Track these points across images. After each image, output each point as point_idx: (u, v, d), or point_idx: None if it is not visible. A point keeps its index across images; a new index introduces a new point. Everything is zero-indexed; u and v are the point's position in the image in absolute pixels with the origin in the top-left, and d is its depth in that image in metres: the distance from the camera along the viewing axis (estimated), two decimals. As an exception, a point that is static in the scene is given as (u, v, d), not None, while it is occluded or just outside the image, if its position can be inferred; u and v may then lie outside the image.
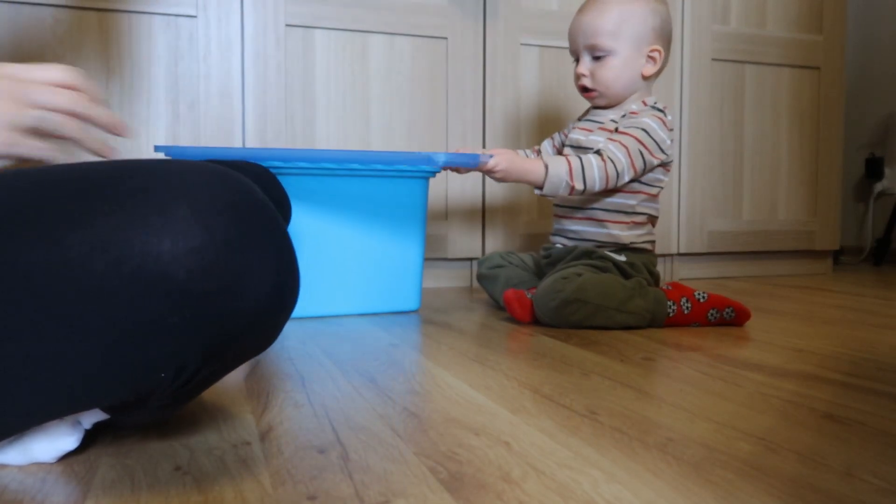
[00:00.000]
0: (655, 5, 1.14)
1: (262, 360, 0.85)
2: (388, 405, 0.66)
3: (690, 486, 0.47)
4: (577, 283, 1.03)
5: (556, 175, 1.08)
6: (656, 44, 1.14)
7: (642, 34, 1.13)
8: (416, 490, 0.46)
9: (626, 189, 1.15)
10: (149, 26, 1.41)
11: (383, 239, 1.15)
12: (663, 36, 1.15)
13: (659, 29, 1.14)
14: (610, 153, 1.09)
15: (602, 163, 1.08)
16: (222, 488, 0.47)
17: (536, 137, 1.67)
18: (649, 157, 1.11)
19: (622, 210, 1.17)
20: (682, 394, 0.70)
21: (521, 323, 1.11)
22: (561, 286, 1.04)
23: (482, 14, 1.61)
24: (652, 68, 1.15)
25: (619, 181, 1.10)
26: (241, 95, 1.46)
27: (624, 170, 1.09)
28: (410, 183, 1.18)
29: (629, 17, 1.12)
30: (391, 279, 1.17)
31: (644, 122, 1.12)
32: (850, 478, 0.48)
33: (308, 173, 1.06)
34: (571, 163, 1.08)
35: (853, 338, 1.01)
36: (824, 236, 1.98)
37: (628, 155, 1.09)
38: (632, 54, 1.13)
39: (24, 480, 0.48)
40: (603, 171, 1.08)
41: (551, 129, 1.69)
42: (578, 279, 1.04)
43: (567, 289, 1.03)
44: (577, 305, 1.03)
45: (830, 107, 1.96)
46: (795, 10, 1.91)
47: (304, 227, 1.06)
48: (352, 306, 1.15)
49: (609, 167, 1.09)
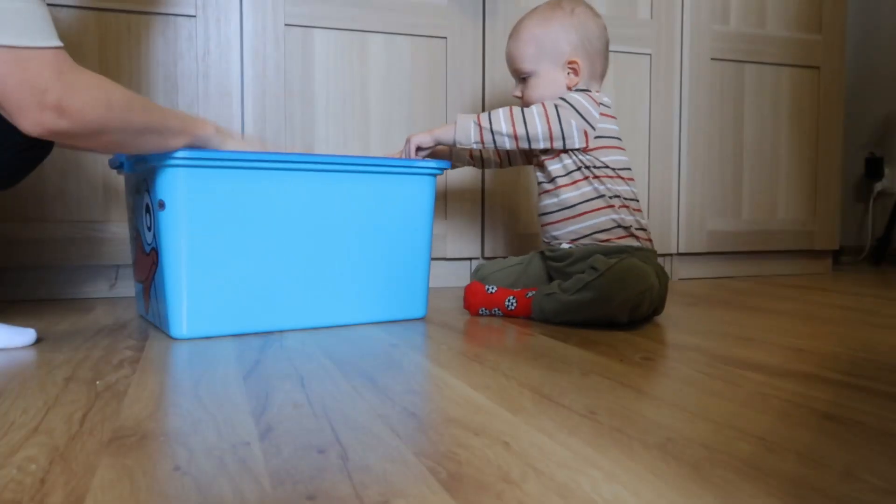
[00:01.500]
0: (574, 20, 1.18)
1: (261, 360, 0.85)
2: (388, 405, 0.66)
3: (690, 486, 0.47)
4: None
5: (463, 122, 1.15)
6: (574, 56, 1.18)
7: (559, 51, 1.18)
8: (415, 490, 0.46)
9: (582, 179, 1.16)
10: (148, 26, 1.41)
11: (389, 243, 1.12)
12: (584, 47, 1.19)
13: (578, 42, 1.18)
14: (519, 108, 1.15)
15: (509, 111, 1.14)
16: (221, 488, 0.46)
17: (536, 137, 1.67)
18: (566, 115, 1.13)
19: (590, 198, 1.17)
20: (682, 394, 0.70)
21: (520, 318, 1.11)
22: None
23: (481, 14, 1.61)
24: (575, 79, 1.19)
25: (530, 128, 1.13)
26: (241, 95, 1.46)
27: (533, 116, 1.13)
28: (418, 180, 1.14)
29: (543, 39, 1.19)
30: (398, 286, 1.14)
31: (562, 95, 1.17)
32: (850, 478, 0.48)
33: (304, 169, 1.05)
34: (480, 114, 1.15)
35: (853, 338, 1.00)
36: (824, 236, 1.98)
37: (543, 109, 1.13)
38: (551, 71, 1.19)
39: (22, 480, 0.48)
40: (508, 113, 1.14)
41: (551, 129, 1.69)
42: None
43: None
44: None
45: (830, 106, 1.96)
46: (795, 9, 1.91)
47: (304, 229, 1.06)
48: (357, 315, 1.11)
49: (516, 112, 1.14)
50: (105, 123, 0.80)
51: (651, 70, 1.77)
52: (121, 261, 1.42)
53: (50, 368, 0.81)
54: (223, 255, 0.99)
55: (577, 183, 1.17)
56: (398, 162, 1.12)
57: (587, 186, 1.16)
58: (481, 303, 1.19)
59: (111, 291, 1.45)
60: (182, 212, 0.96)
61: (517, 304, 1.17)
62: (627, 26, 1.73)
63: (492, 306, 1.19)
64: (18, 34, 0.73)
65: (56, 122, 0.76)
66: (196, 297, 0.98)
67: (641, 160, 1.77)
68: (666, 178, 1.80)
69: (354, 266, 1.10)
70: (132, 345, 0.95)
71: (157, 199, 0.97)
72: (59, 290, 1.42)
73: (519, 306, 1.16)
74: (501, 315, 1.18)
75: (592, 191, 1.16)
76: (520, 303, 1.16)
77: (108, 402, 0.67)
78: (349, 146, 1.53)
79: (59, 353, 0.90)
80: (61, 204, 1.39)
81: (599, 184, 1.15)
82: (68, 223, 1.39)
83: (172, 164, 0.95)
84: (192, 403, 0.67)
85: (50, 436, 0.57)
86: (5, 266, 1.36)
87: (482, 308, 1.19)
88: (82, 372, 0.79)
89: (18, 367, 0.82)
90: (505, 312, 1.18)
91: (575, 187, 1.17)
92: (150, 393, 0.70)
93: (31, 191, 1.37)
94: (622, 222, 1.16)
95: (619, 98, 1.74)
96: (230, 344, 0.95)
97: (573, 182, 1.17)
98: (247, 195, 1.00)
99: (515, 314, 1.17)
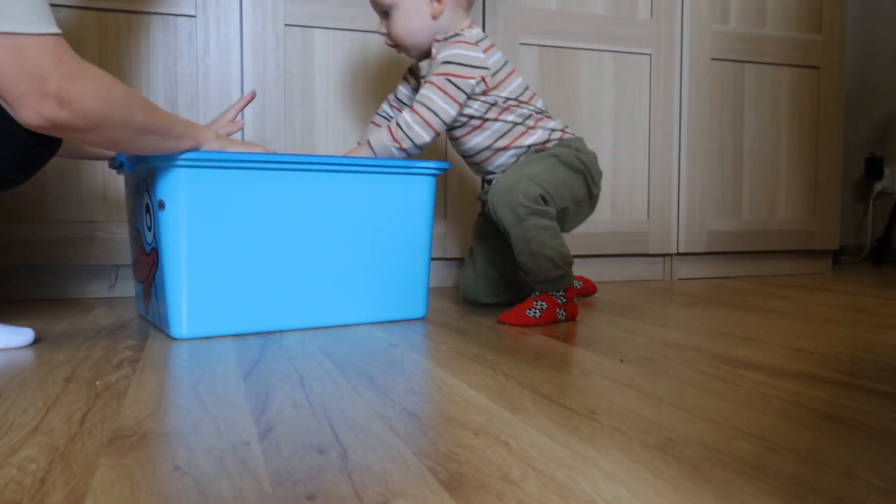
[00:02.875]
0: None
1: (261, 360, 0.85)
2: (388, 405, 0.66)
3: (690, 486, 0.47)
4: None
5: (380, 145, 1.12)
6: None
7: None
8: (415, 490, 0.46)
9: (493, 118, 1.18)
10: (147, 26, 1.41)
11: (388, 243, 1.12)
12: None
13: None
14: (420, 98, 1.13)
15: (414, 113, 1.12)
16: (221, 488, 0.46)
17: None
18: (463, 80, 1.13)
19: (507, 132, 1.20)
20: (682, 394, 0.70)
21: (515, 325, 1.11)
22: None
23: (481, 13, 1.61)
24: (439, 7, 1.16)
25: (444, 116, 1.12)
26: (241, 94, 1.46)
27: (439, 104, 1.12)
28: (417, 181, 1.15)
29: None
30: (398, 286, 1.14)
31: (442, 57, 1.14)
32: (850, 478, 0.48)
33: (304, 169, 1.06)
34: (391, 128, 1.12)
35: (853, 338, 1.00)
36: (824, 236, 1.98)
37: (439, 89, 1.12)
38: (413, 2, 1.16)
39: (22, 480, 0.48)
40: (418, 118, 1.11)
41: (551, 129, 1.69)
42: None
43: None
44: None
45: (830, 106, 1.96)
46: (795, 9, 1.91)
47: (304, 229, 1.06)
48: (357, 315, 1.11)
49: (423, 111, 1.11)
50: (105, 116, 0.79)
51: (651, 70, 1.77)
52: (121, 261, 1.42)
53: (50, 368, 0.81)
54: (223, 255, 0.99)
55: (487, 123, 1.19)
56: (398, 162, 1.12)
57: (499, 123, 1.19)
58: (533, 322, 1.13)
59: (111, 291, 1.45)
60: (182, 212, 0.96)
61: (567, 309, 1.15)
62: (627, 26, 1.73)
63: (548, 322, 1.14)
64: (16, 20, 0.71)
65: (56, 113, 0.74)
66: (196, 297, 0.98)
67: (641, 160, 1.77)
68: (666, 177, 1.80)
69: (354, 266, 1.10)
70: (132, 345, 0.95)
71: (158, 199, 0.97)
72: (59, 290, 1.42)
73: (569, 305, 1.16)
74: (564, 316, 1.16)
75: (503, 125, 1.19)
76: (569, 306, 1.16)
77: (108, 402, 0.67)
78: (349, 146, 1.53)
79: (59, 353, 0.90)
80: (61, 204, 1.39)
81: (509, 114, 1.19)
82: (68, 223, 1.39)
83: (173, 165, 0.95)
84: (192, 403, 0.67)
85: (50, 436, 0.57)
86: (5, 266, 1.36)
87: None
88: (82, 372, 0.79)
89: (18, 367, 0.82)
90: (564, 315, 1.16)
91: (486, 128, 1.19)
92: (150, 393, 0.70)
93: (31, 191, 1.37)
94: (540, 137, 1.20)
95: (619, 98, 1.75)
96: (230, 344, 0.95)
97: (483, 122, 1.19)
98: (247, 195, 1.00)
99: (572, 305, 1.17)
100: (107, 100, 0.79)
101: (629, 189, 1.77)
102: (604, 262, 1.77)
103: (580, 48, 1.70)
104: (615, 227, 1.74)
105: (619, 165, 1.75)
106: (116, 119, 0.81)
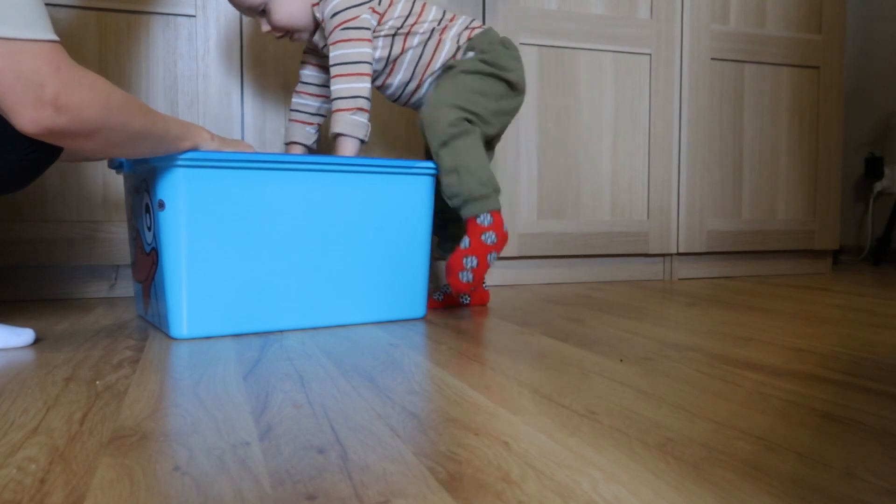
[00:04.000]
0: None
1: (261, 360, 0.85)
2: (388, 405, 0.66)
3: (690, 486, 0.47)
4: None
5: (345, 125, 1.11)
6: None
7: None
8: (415, 490, 0.46)
9: (397, 54, 1.20)
10: (147, 26, 1.41)
11: (388, 243, 1.12)
12: None
13: None
14: (334, 60, 1.13)
15: (340, 77, 1.12)
16: (221, 488, 0.46)
17: (536, 136, 1.67)
18: (356, 20, 1.13)
19: (420, 58, 1.22)
20: (681, 394, 0.70)
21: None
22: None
23: (481, 14, 1.61)
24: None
25: (365, 58, 1.13)
26: (240, 94, 1.46)
27: (353, 52, 1.13)
28: (417, 180, 1.15)
29: None
30: (397, 286, 1.14)
31: (329, 12, 1.14)
32: (850, 478, 0.48)
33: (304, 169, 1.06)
34: (337, 107, 1.11)
35: (853, 338, 1.00)
36: (824, 236, 1.98)
37: (344, 42, 1.12)
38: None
39: (22, 480, 0.48)
40: (348, 77, 1.12)
41: (551, 129, 1.69)
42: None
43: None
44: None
45: (830, 106, 1.96)
46: (795, 9, 1.91)
47: (304, 229, 1.06)
48: (357, 315, 1.11)
49: (345, 68, 1.12)
50: (103, 122, 0.79)
51: (651, 70, 1.77)
52: (120, 261, 1.42)
53: (50, 368, 0.81)
54: (223, 255, 0.99)
55: (400, 58, 1.21)
56: (397, 162, 1.12)
57: (409, 53, 1.21)
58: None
59: (111, 291, 1.45)
60: (182, 212, 0.96)
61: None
62: (627, 26, 1.73)
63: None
64: (13, 26, 0.71)
65: (54, 120, 0.74)
66: (196, 297, 0.98)
67: (641, 160, 1.78)
68: (666, 178, 1.80)
69: (354, 266, 1.10)
70: (132, 345, 0.95)
71: (157, 199, 0.97)
72: (59, 290, 1.42)
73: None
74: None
75: (413, 52, 1.21)
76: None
77: (108, 402, 0.67)
78: (349, 146, 1.53)
79: (59, 353, 0.90)
80: (61, 204, 1.39)
81: (412, 38, 1.20)
82: (68, 223, 1.39)
83: (172, 165, 0.95)
84: (192, 403, 0.67)
85: (50, 436, 0.57)
86: (5, 266, 1.36)
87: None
88: (82, 372, 0.79)
89: (18, 367, 0.82)
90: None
91: (401, 61, 1.21)
92: (150, 393, 0.70)
93: (31, 191, 1.37)
94: (449, 50, 1.22)
95: (619, 98, 1.75)
96: (230, 344, 0.95)
97: (395, 62, 1.21)
98: (247, 195, 1.00)
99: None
100: (105, 106, 0.78)
101: (629, 189, 1.77)
102: (604, 262, 1.78)
103: (580, 48, 1.70)
104: (615, 227, 1.75)
105: (619, 165, 1.75)
106: (115, 125, 0.80)
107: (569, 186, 1.71)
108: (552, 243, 1.69)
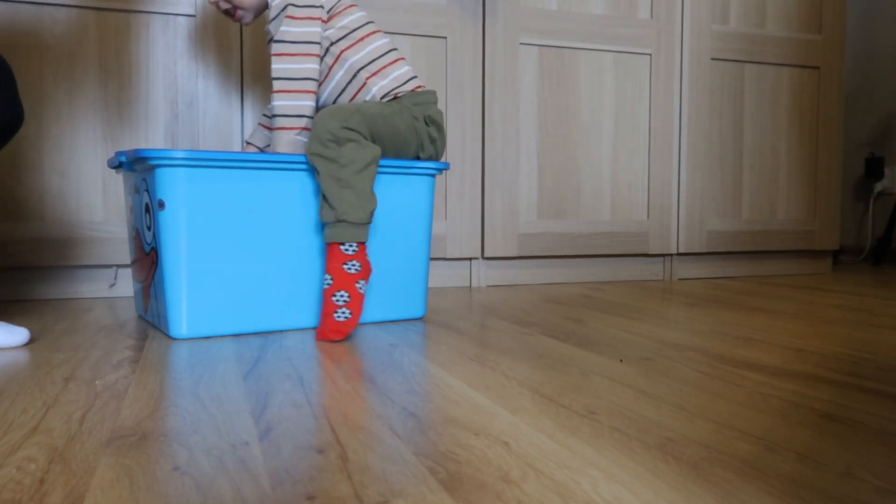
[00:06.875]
0: None
1: (261, 360, 0.85)
2: (387, 405, 0.66)
3: (690, 486, 0.47)
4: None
5: (287, 145, 1.08)
6: None
7: None
8: (414, 490, 0.46)
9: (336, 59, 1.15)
10: (147, 25, 1.41)
11: (388, 243, 1.12)
12: None
13: None
14: (274, 74, 1.09)
15: (287, 93, 1.09)
16: (221, 488, 0.46)
17: (536, 136, 1.67)
18: (305, 30, 1.10)
19: (354, 78, 1.15)
20: (681, 394, 0.70)
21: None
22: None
23: (481, 14, 1.61)
24: None
25: (309, 73, 1.09)
26: (240, 94, 1.46)
27: (297, 66, 1.09)
28: (417, 181, 1.15)
29: None
30: (397, 286, 1.14)
31: (277, 12, 1.12)
32: (850, 478, 0.48)
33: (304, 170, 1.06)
34: (280, 125, 1.09)
35: (853, 338, 1.00)
36: (824, 236, 1.98)
37: (288, 53, 1.09)
38: None
39: (22, 480, 0.48)
40: (287, 94, 1.08)
41: (551, 129, 1.69)
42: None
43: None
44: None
45: (830, 106, 1.96)
46: (795, 9, 1.91)
47: (304, 229, 1.06)
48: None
49: (284, 84, 1.08)
50: None
51: (651, 70, 1.77)
52: (120, 261, 1.42)
53: (49, 368, 0.81)
54: (223, 255, 0.99)
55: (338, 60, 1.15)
56: (397, 163, 1.12)
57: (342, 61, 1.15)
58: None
59: (111, 291, 1.45)
60: (182, 212, 0.96)
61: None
62: (627, 26, 1.73)
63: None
64: None
65: None
66: (196, 297, 0.98)
67: (641, 160, 1.77)
68: (666, 178, 1.80)
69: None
70: (131, 345, 0.95)
71: (157, 198, 0.97)
72: (59, 290, 1.42)
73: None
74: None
75: (349, 67, 1.15)
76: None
77: (108, 402, 0.67)
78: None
79: (59, 353, 0.90)
80: (61, 204, 1.39)
81: (350, 55, 1.15)
82: (68, 223, 1.39)
83: (172, 164, 0.95)
84: (191, 403, 0.66)
85: (49, 436, 0.57)
86: (5, 266, 1.36)
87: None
88: (81, 372, 0.79)
89: (18, 367, 0.82)
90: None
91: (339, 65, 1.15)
92: (150, 393, 0.70)
93: (30, 191, 1.37)
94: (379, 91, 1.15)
95: (619, 98, 1.75)
96: (230, 344, 0.95)
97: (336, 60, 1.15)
98: (246, 195, 1.00)
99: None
100: None
101: (629, 189, 1.77)
102: (604, 262, 1.77)
103: (580, 48, 1.70)
104: (615, 227, 1.74)
105: (619, 165, 1.75)
106: None
107: (569, 186, 1.71)
108: (552, 243, 1.69)
